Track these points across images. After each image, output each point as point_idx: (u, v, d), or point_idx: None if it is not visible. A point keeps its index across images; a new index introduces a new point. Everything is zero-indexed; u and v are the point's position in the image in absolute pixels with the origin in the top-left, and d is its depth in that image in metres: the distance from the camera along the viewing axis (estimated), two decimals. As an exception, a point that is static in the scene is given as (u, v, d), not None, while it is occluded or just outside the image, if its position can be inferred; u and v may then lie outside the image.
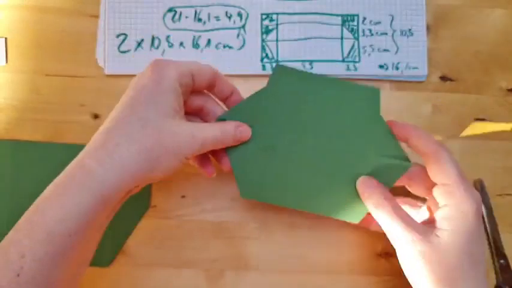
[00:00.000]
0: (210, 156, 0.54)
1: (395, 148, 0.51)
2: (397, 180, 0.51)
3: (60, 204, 0.40)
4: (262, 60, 0.61)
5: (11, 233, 0.40)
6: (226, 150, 0.51)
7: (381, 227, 0.48)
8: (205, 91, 0.53)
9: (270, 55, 0.61)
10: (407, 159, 0.50)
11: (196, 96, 0.51)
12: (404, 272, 0.47)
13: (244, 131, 0.50)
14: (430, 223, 0.47)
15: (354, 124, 0.52)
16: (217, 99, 0.53)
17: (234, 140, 0.49)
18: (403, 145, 0.52)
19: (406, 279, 0.46)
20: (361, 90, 0.52)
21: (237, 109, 0.52)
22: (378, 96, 0.52)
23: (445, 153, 0.46)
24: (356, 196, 0.51)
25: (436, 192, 0.47)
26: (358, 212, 0.52)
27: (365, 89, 0.52)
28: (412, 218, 0.46)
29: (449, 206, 0.45)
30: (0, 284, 0.37)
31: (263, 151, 0.51)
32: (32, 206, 0.41)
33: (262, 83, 0.56)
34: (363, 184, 0.50)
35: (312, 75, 0.53)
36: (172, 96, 0.45)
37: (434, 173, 0.48)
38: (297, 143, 0.51)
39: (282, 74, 0.52)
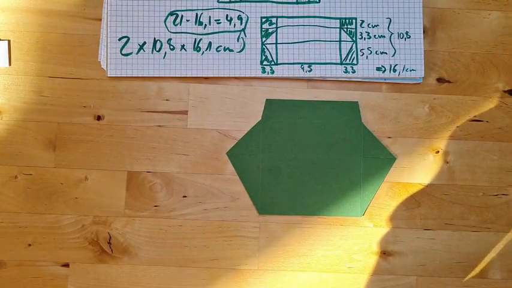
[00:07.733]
0: (213, 160, 0.54)
1: (379, 148, 0.62)
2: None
3: None
4: (262, 62, 0.62)
5: None
6: (240, 177, 0.61)
7: None
8: None
9: (269, 58, 0.62)
10: (391, 155, 0.61)
11: None
12: None
13: None
14: None
15: (341, 134, 0.62)
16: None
17: None
18: (387, 142, 0.61)
19: (403, 279, 0.47)
20: (342, 104, 0.62)
21: (242, 142, 0.61)
22: (357, 107, 0.62)
23: None
24: (356, 194, 0.61)
25: None
26: (360, 206, 0.61)
27: (345, 103, 0.62)
28: None
29: None
30: None
31: (270, 173, 0.61)
32: None
33: (262, 85, 0.57)
34: None
35: (299, 102, 0.63)
36: None
37: None
38: (296, 160, 0.62)
39: (272, 106, 0.62)
